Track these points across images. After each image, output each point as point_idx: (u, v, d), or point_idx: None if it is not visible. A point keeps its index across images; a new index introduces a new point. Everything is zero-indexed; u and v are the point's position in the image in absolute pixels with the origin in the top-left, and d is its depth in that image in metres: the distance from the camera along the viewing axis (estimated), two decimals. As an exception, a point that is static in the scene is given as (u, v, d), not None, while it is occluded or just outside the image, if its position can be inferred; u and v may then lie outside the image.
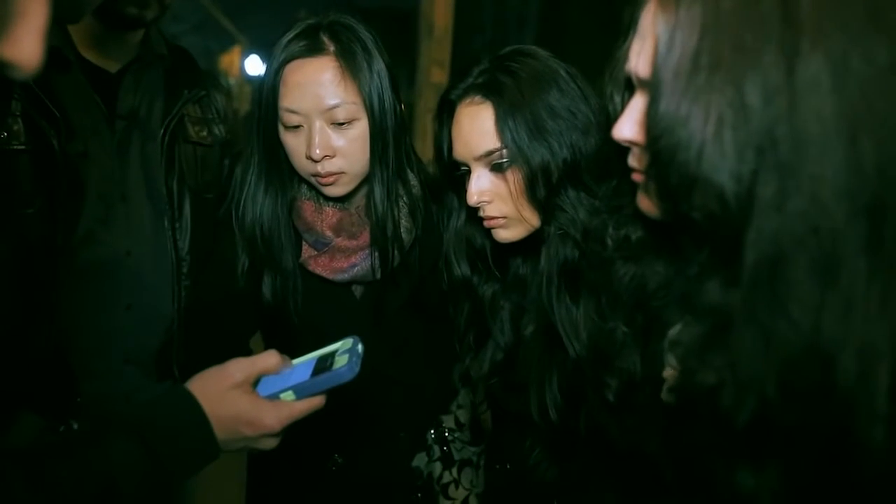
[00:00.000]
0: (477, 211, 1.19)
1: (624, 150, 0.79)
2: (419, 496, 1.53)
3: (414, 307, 1.44)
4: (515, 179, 1.12)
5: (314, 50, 1.24)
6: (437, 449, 1.55)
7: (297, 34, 1.25)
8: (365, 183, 1.33)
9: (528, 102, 1.10)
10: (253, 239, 1.34)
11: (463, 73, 1.19)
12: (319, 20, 1.27)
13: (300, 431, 0.97)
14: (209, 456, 0.91)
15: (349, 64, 1.23)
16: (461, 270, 1.31)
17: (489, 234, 1.22)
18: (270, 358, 0.97)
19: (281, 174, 1.33)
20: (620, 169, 0.82)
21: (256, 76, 11.44)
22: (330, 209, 1.36)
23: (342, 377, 0.93)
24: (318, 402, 0.95)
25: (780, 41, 0.58)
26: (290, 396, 0.94)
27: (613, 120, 0.78)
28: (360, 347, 0.97)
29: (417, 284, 1.42)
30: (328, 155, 1.25)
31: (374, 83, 1.25)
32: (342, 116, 1.24)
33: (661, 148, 0.64)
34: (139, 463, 0.82)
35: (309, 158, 1.25)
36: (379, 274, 1.36)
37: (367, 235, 1.36)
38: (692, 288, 0.67)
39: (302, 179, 1.35)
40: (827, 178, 0.57)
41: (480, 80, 1.15)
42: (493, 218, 1.17)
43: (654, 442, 0.78)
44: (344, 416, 1.20)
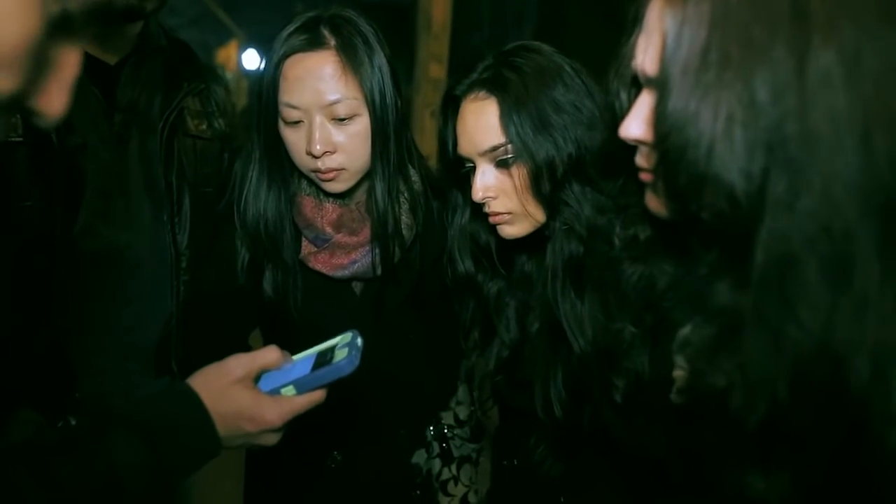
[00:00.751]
0: (482, 207, 1.19)
1: (631, 149, 0.78)
2: (418, 493, 1.53)
3: (414, 304, 1.44)
4: (520, 175, 1.12)
5: (315, 44, 1.22)
6: (436, 445, 1.55)
7: (297, 28, 1.24)
8: (366, 179, 1.32)
9: (532, 97, 1.10)
10: (256, 235, 1.33)
11: (467, 68, 1.19)
12: (320, 13, 1.26)
13: (300, 429, 0.97)
14: (211, 452, 0.90)
15: (350, 58, 1.22)
16: (465, 268, 1.30)
17: (494, 230, 1.21)
18: (271, 353, 0.96)
19: (282, 170, 1.32)
20: (627, 168, 0.81)
21: (254, 70, 11.40)
22: (330, 205, 1.35)
23: (342, 370, 0.92)
24: (318, 396, 0.95)
25: (790, 36, 0.57)
26: (290, 391, 0.94)
27: (620, 118, 0.77)
28: (359, 341, 0.97)
29: (418, 281, 1.42)
30: (329, 151, 1.23)
31: (375, 78, 1.24)
32: (343, 112, 1.22)
33: (669, 146, 0.63)
34: (143, 459, 0.82)
35: (309, 154, 1.24)
36: (379, 271, 1.35)
37: (367, 232, 1.35)
38: (702, 288, 0.66)
39: (302, 175, 1.34)
40: (839, 175, 0.56)
41: (485, 75, 1.15)
42: (498, 214, 1.17)
43: (661, 443, 0.77)
44: (343, 413, 1.19)
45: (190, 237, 1.49)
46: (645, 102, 0.73)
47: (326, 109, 1.22)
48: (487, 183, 1.15)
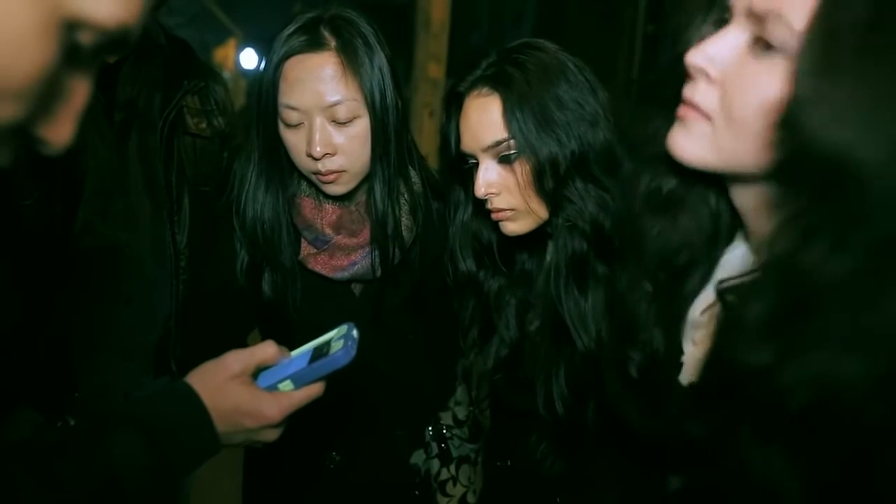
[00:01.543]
0: (484, 204, 1.18)
1: (678, 82, 0.71)
2: (417, 493, 1.53)
3: (413, 305, 1.43)
4: (523, 171, 1.12)
5: (315, 45, 1.21)
6: (434, 446, 1.54)
7: (297, 28, 1.22)
8: (366, 180, 1.32)
9: (536, 94, 1.10)
10: (254, 237, 1.32)
11: (470, 65, 1.18)
12: (320, 14, 1.24)
13: (298, 428, 0.96)
14: (210, 450, 0.90)
15: (351, 59, 1.21)
16: (467, 265, 1.30)
17: (496, 227, 1.21)
18: (268, 348, 0.95)
19: (281, 171, 1.31)
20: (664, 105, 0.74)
21: (252, 70, 11.37)
22: (330, 206, 1.35)
23: (339, 362, 0.91)
24: (317, 389, 0.94)
25: None
26: (288, 386, 0.93)
27: (691, 40, 0.70)
28: (355, 332, 0.96)
29: (417, 282, 1.41)
30: (329, 153, 1.22)
31: (375, 79, 1.23)
32: (343, 114, 1.21)
33: (787, 119, 0.56)
34: (143, 459, 0.81)
35: (309, 156, 1.23)
36: (379, 272, 1.35)
37: (367, 233, 1.34)
38: (716, 254, 0.60)
39: (302, 176, 1.33)
40: None
41: (489, 72, 1.15)
42: (500, 210, 1.16)
43: (673, 422, 0.73)
44: (342, 413, 1.19)
45: (189, 236, 1.49)
46: (730, 36, 0.66)
47: (327, 111, 1.21)
48: (490, 179, 1.14)
